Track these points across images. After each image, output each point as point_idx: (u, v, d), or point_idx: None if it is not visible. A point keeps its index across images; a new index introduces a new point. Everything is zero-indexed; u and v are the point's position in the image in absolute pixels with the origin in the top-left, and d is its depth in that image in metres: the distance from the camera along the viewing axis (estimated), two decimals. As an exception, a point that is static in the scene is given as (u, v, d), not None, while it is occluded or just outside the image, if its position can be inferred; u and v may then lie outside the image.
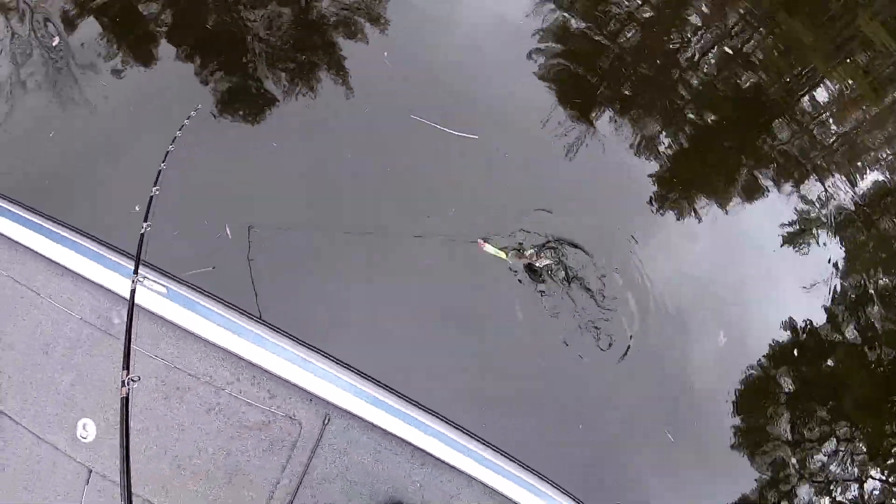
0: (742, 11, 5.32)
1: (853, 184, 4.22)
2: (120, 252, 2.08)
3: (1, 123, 3.02)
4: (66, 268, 2.03)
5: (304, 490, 1.91)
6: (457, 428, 2.05)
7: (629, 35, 4.38)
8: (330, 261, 2.76)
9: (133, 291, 1.61)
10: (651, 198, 3.56)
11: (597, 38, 4.22)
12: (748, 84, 4.57)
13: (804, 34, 5.25)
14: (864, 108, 4.87)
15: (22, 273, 2.06)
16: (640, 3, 4.70)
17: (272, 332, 2.03)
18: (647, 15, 4.66)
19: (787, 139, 4.30)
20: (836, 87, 4.89)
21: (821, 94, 4.80)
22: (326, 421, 1.93)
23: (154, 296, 1.97)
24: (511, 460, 2.06)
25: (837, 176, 4.22)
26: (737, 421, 3.05)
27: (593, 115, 3.76)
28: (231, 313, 2.03)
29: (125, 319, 1.84)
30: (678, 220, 3.55)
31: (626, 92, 4.00)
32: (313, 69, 3.42)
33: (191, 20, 3.53)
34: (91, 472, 1.88)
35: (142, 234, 1.77)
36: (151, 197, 1.93)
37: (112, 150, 2.93)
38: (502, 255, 2.91)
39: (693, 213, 3.60)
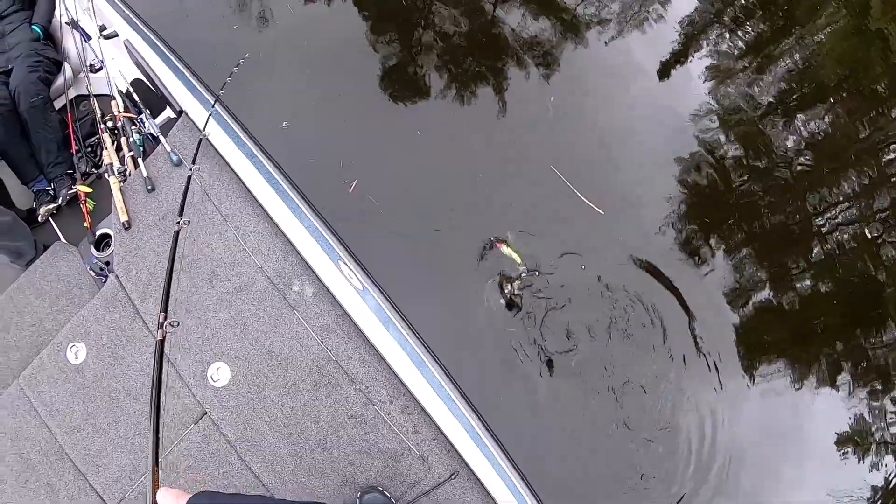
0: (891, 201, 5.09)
1: None
2: (335, 234, 2.11)
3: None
4: (273, 220, 2.06)
5: None
6: None
7: (775, 179, 4.28)
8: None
9: (176, 234, 1.67)
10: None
11: (742, 170, 4.13)
12: (868, 275, 4.38)
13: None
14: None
15: (225, 200, 2.12)
16: (798, 153, 4.58)
17: (445, 376, 2.01)
18: (801, 166, 4.53)
19: (884, 345, 4.10)
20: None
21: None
22: (453, 476, 1.90)
23: (349, 290, 1.97)
24: None
25: None
26: None
27: (707, 241, 3.70)
28: (416, 342, 2.01)
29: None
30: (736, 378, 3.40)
31: (746, 231, 3.91)
32: (477, 79, 3.52)
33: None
34: (205, 414, 1.92)
35: (188, 177, 1.85)
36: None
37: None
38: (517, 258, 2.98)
39: (751, 377, 3.45)
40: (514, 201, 3.14)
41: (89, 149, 2.46)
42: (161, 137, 2.19)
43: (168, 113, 2.43)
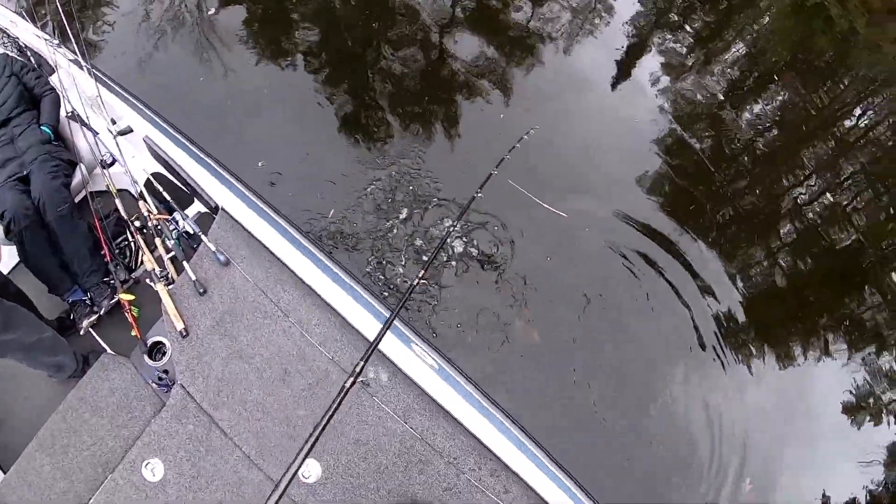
0: (858, 166, 5.41)
1: None
2: (403, 321, 2.13)
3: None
4: (339, 312, 2.08)
5: None
6: None
7: (740, 165, 4.48)
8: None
9: None
10: (715, 335, 3.65)
11: (706, 160, 4.32)
12: (845, 243, 4.65)
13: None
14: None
15: (283, 294, 2.10)
16: (758, 133, 4.80)
17: (525, 436, 2.06)
18: (760, 147, 4.75)
19: (871, 308, 4.34)
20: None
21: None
22: None
23: (421, 364, 2.02)
24: None
25: None
26: None
27: (681, 235, 3.89)
28: (495, 409, 2.07)
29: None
30: (736, 363, 3.62)
31: (721, 222, 4.10)
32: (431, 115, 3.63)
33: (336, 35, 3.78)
34: None
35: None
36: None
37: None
38: None
39: (752, 359, 3.67)
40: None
41: (118, 250, 2.39)
42: (203, 237, 2.15)
43: (198, 207, 2.39)
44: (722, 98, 4.70)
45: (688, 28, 5.02)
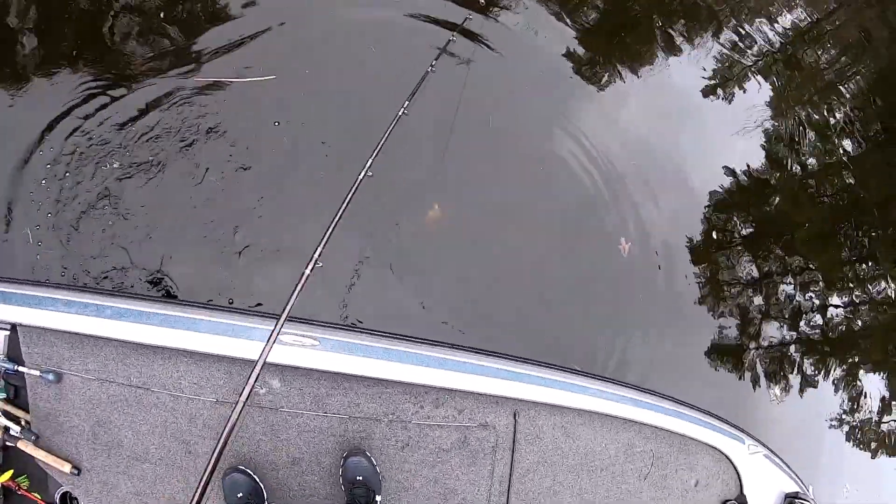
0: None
1: (771, 24, 4.34)
2: (247, 313, 1.92)
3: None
4: (178, 349, 1.83)
5: (514, 486, 2.00)
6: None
7: None
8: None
9: None
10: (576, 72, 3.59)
11: None
12: None
13: None
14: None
15: (123, 372, 1.83)
16: None
17: (439, 348, 1.99)
18: None
19: None
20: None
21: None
22: (516, 416, 1.97)
23: (302, 351, 1.82)
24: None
25: (754, 19, 4.32)
26: (698, 272, 3.36)
27: None
28: (395, 344, 1.94)
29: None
30: (604, 89, 3.61)
31: None
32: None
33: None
34: None
35: None
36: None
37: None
38: None
39: (618, 80, 3.65)
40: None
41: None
42: (22, 368, 1.85)
43: None
44: None
45: None
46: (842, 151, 4.10)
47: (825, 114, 4.18)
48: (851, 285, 3.82)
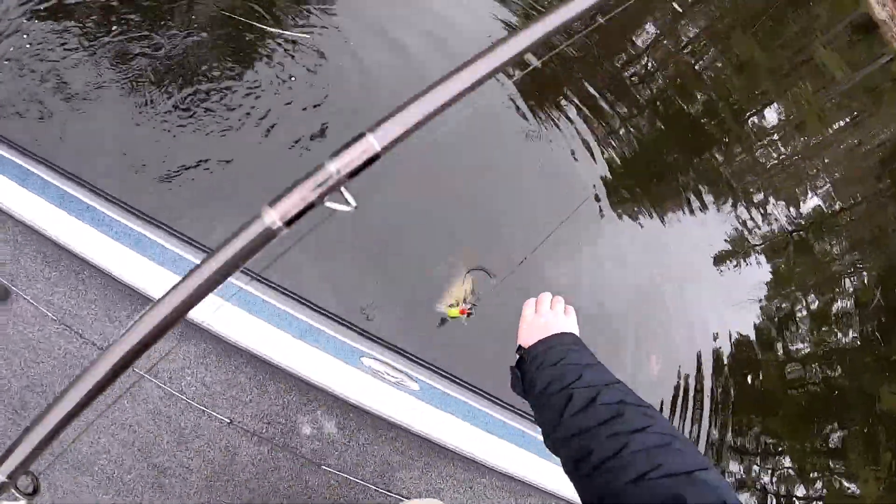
0: (698, 28, 5.53)
1: (790, 208, 4.61)
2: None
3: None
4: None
5: None
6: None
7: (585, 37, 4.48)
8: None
9: None
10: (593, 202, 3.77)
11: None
12: (697, 101, 4.85)
13: (758, 56, 5.52)
14: (806, 135, 5.26)
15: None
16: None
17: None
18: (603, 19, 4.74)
19: (729, 159, 4.62)
20: (782, 112, 5.24)
21: (767, 118, 5.15)
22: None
23: (392, 393, 1.37)
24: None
25: (774, 200, 4.58)
26: (682, 426, 3.41)
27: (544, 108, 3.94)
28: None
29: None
30: (614, 226, 3.76)
31: (572, 94, 4.14)
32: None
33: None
34: None
35: None
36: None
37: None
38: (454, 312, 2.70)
39: (630, 220, 3.83)
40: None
41: None
42: None
43: None
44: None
45: None
46: (834, 343, 4.24)
47: (825, 304, 4.35)
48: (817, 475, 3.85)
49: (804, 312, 4.20)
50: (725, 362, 3.77)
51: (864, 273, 4.69)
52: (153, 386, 1.42)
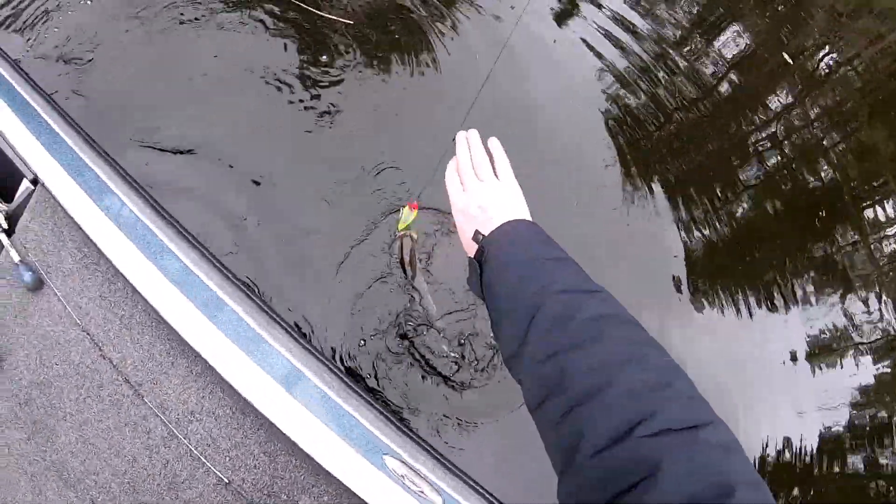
0: (824, 105, 5.17)
1: None
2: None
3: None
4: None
5: None
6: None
7: (698, 108, 4.29)
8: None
9: None
10: (677, 280, 3.42)
11: (661, 99, 4.12)
12: (812, 183, 4.44)
13: (883, 143, 5.07)
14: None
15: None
16: (720, 76, 4.59)
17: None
18: (724, 89, 4.56)
19: (840, 249, 4.16)
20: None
21: (886, 210, 4.64)
22: None
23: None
24: None
25: (885, 298, 4.04)
26: None
27: (640, 177, 3.68)
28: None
29: None
30: (701, 310, 3.38)
31: (681, 165, 3.90)
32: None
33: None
34: None
35: None
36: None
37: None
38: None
39: (718, 305, 3.46)
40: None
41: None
42: (3, 239, 1.44)
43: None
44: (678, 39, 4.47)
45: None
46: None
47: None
48: None
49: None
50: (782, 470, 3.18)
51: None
52: (159, 422, 1.36)
